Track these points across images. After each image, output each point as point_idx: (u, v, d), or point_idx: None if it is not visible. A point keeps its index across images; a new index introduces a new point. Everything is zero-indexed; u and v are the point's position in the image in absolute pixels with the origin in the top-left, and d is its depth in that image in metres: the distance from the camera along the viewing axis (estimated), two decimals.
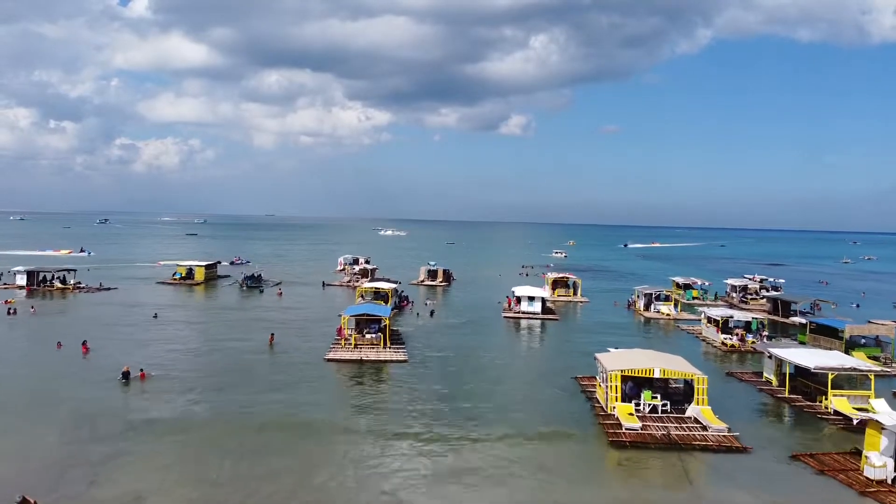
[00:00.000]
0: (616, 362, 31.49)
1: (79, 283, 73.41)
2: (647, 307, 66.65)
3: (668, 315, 64.06)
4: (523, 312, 61.54)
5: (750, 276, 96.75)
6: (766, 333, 50.07)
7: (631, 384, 31.35)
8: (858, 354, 42.11)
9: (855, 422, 29.51)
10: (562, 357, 44.44)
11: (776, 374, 36.81)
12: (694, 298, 77.51)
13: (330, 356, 41.17)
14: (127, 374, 34.03)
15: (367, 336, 44.52)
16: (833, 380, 32.15)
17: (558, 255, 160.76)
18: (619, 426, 28.20)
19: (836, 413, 31.01)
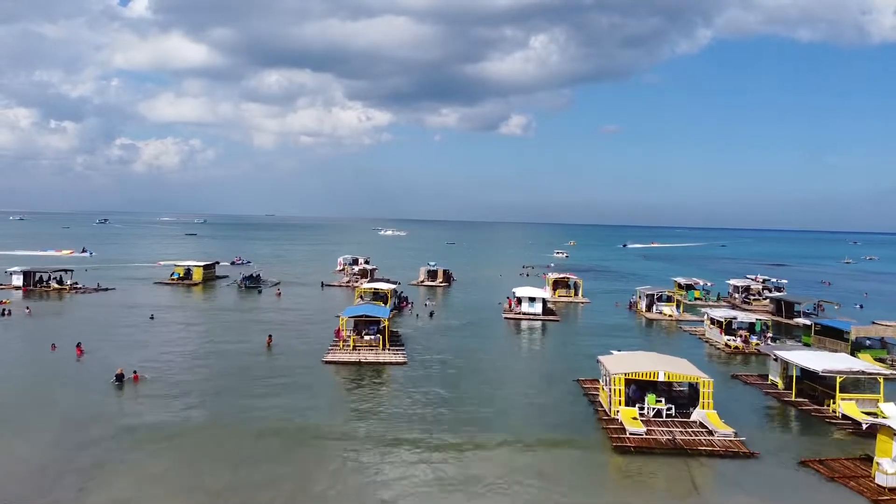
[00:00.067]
0: (619, 365, 30.86)
1: (75, 283, 72.78)
2: (649, 308, 66.05)
3: (670, 316, 63.44)
4: (524, 313, 60.94)
5: (752, 276, 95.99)
6: (770, 335, 49.43)
7: (634, 387, 30.77)
8: (864, 356, 41.47)
9: (864, 426, 28.87)
10: (563, 359, 43.84)
11: (782, 376, 36.20)
12: (696, 299, 76.86)
13: (328, 358, 40.57)
14: (121, 377, 33.42)
15: (366, 337, 43.94)
16: (841, 383, 31.57)
17: (560, 255, 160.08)
18: (622, 431, 27.60)
19: (845, 417, 30.42)
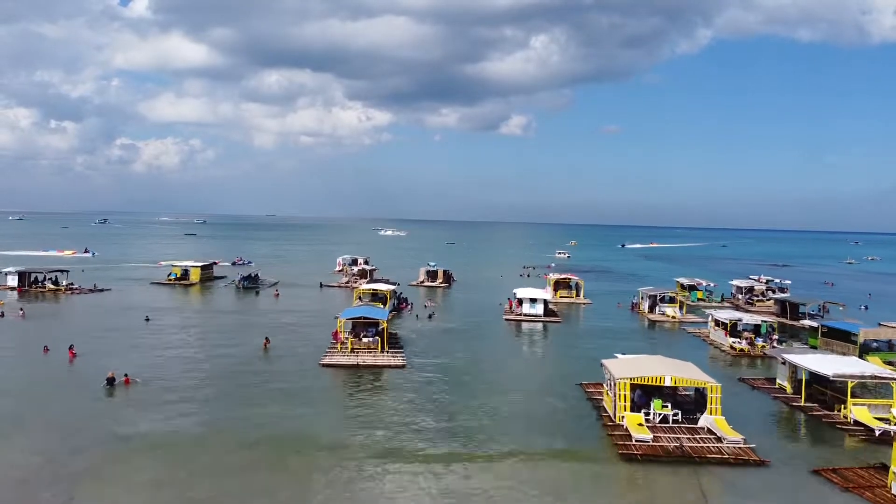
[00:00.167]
0: (624, 369, 30.00)
1: (71, 284, 71.88)
2: (652, 309, 65.19)
3: (673, 317, 62.56)
4: (525, 315, 60.10)
5: (755, 276, 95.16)
6: (775, 337, 48.56)
7: (639, 392, 29.88)
8: (873, 359, 40.66)
9: (877, 433, 28.05)
10: (566, 362, 42.98)
11: (790, 380, 35.27)
12: (699, 300, 76.02)
13: (326, 361, 39.70)
14: (112, 381, 32.54)
15: (364, 340, 43.10)
16: (852, 388, 30.69)
17: (561, 255, 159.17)
18: (628, 438, 26.72)
19: (857, 423, 29.49)
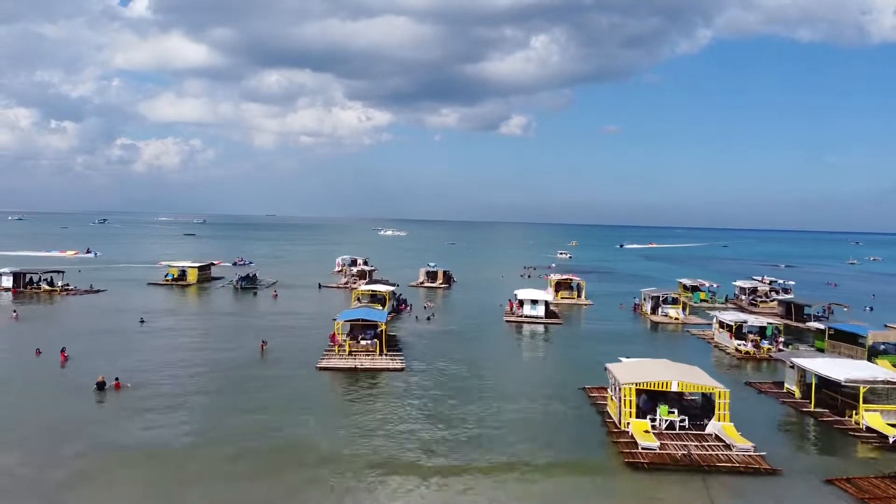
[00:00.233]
0: (630, 374, 29.08)
1: (66, 285, 70.99)
2: (654, 310, 64.29)
3: (676, 319, 61.65)
4: (526, 316, 59.20)
5: (758, 277, 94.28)
6: (781, 340, 47.64)
7: (645, 397, 28.99)
8: (882, 362, 39.63)
9: (891, 440, 27.14)
10: (568, 365, 42.07)
11: (799, 385, 34.37)
12: (702, 301, 75.16)
13: (323, 364, 38.82)
14: (102, 385, 31.66)
15: (363, 342, 42.22)
16: (864, 393, 29.76)
17: (563, 255, 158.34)
18: (634, 445, 25.82)
19: (869, 429, 28.57)
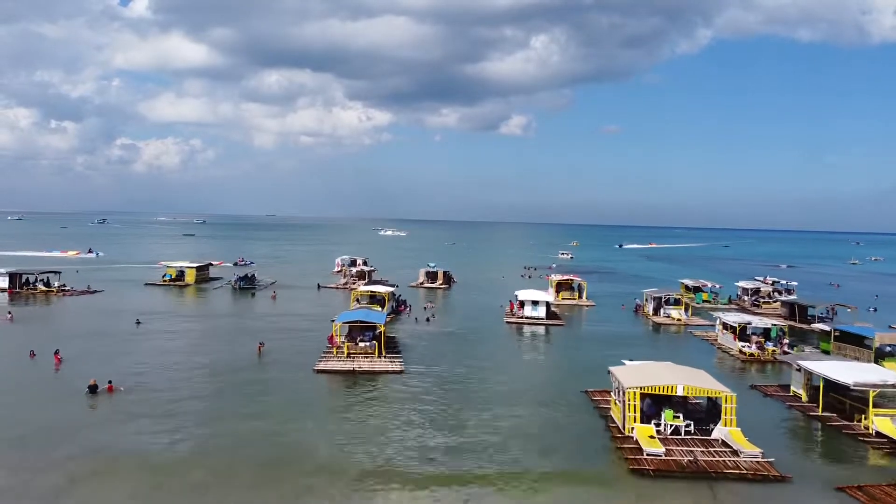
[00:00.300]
0: (634, 378, 28.44)
1: (63, 285, 70.33)
2: (656, 311, 63.61)
3: (678, 320, 61.01)
4: (527, 318, 58.55)
5: (761, 277, 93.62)
6: (786, 341, 46.96)
7: (649, 401, 28.29)
8: (890, 365, 38.97)
9: None
10: (570, 368, 41.45)
11: (805, 388, 33.72)
12: (704, 302, 74.51)
13: (320, 367, 38.18)
14: (94, 388, 31.02)
15: (361, 344, 41.58)
16: (873, 397, 29.10)
17: (564, 256, 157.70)
18: (639, 451, 25.17)
19: (879, 434, 27.92)
